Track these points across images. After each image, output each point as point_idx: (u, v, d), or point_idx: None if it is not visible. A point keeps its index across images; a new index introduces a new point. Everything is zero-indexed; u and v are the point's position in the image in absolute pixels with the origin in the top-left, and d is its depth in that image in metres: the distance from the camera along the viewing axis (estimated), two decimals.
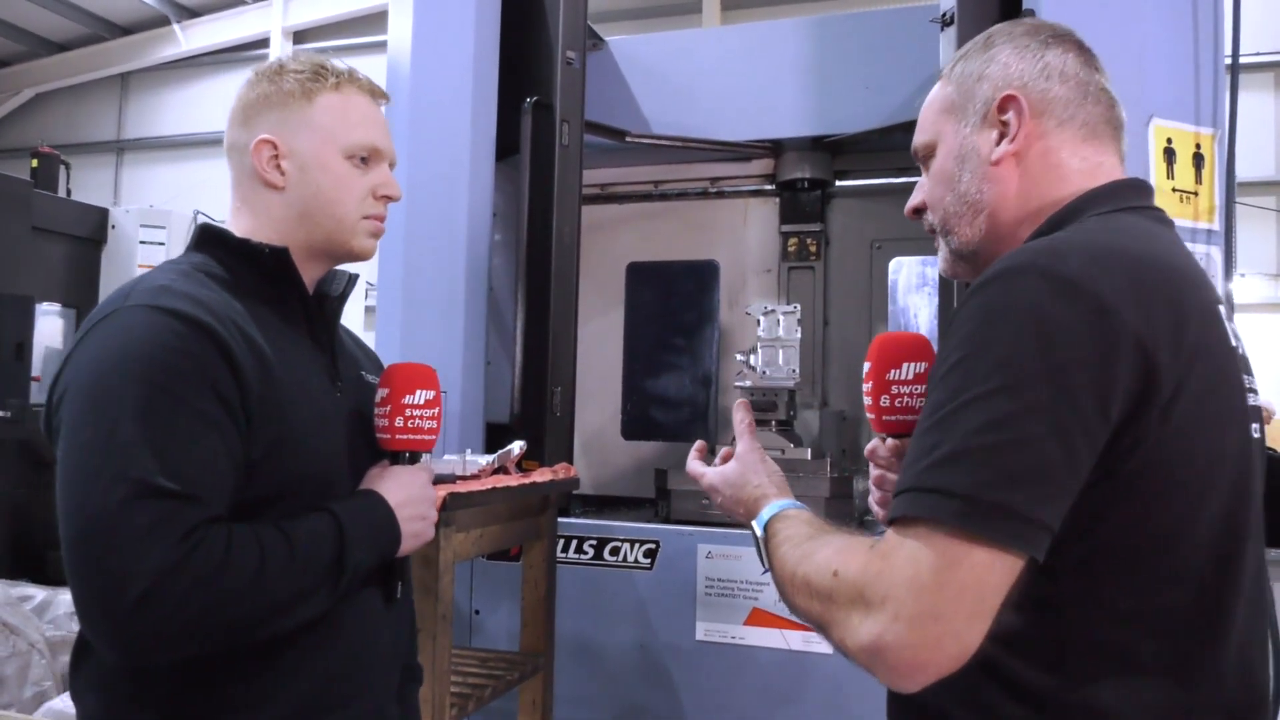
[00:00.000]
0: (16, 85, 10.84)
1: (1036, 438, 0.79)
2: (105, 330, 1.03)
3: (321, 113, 1.18)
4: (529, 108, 2.63)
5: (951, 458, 0.80)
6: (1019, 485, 0.78)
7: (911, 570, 0.79)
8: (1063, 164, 1.00)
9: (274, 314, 1.15)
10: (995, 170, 1.01)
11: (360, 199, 1.20)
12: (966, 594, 0.78)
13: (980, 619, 0.79)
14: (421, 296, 2.60)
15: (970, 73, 1.04)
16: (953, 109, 1.05)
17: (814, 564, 0.88)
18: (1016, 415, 0.79)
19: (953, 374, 0.84)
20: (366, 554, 1.12)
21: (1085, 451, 0.81)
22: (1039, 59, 1.01)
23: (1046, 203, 1.00)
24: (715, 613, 2.38)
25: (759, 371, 2.88)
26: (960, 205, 1.04)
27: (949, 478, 0.80)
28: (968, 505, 0.78)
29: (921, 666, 0.79)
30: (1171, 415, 0.83)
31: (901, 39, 3.05)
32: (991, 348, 0.82)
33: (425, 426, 1.22)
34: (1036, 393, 0.79)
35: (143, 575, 0.93)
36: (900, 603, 0.78)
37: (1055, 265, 0.85)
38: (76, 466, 0.98)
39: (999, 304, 0.84)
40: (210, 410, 1.01)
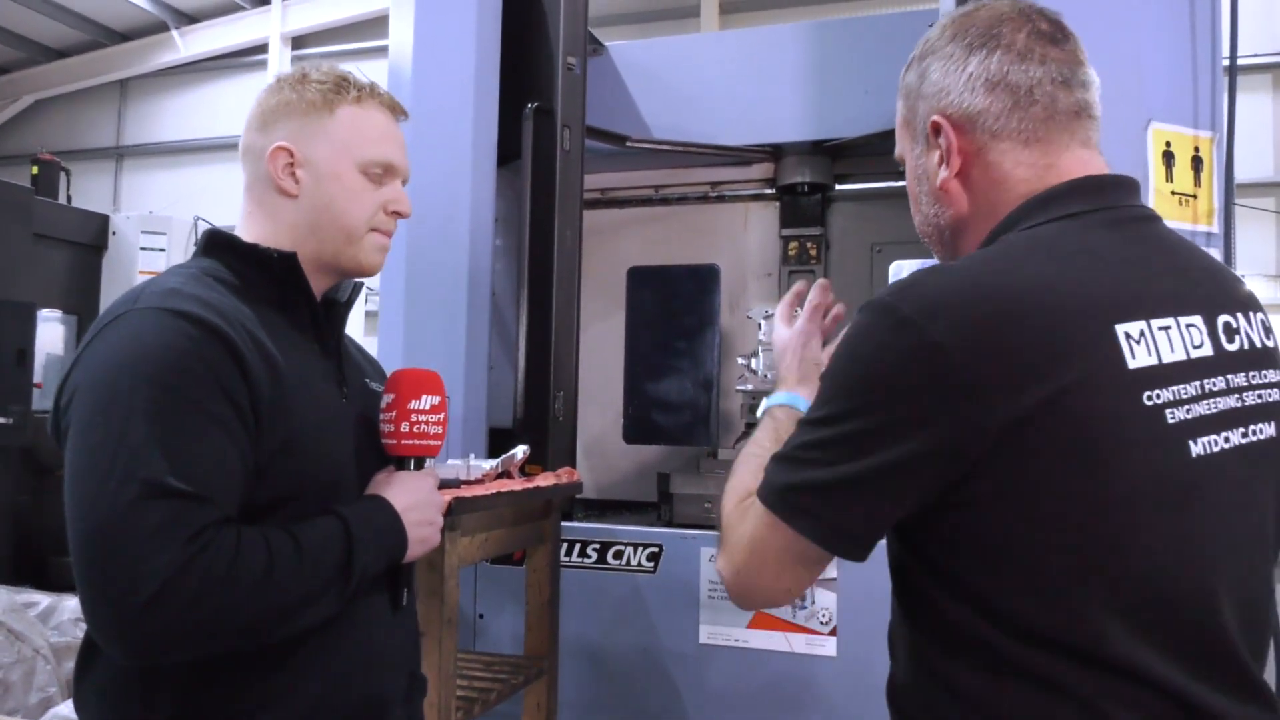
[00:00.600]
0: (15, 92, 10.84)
1: (840, 459, 0.90)
2: (115, 332, 1.04)
3: (340, 125, 1.20)
4: (530, 113, 2.64)
5: (785, 459, 0.95)
6: (817, 494, 0.92)
7: (743, 530, 0.98)
8: (1006, 175, 0.98)
9: (282, 319, 1.16)
10: (944, 194, 1.01)
11: (370, 213, 1.21)
12: (769, 561, 0.96)
13: (784, 581, 0.97)
14: (424, 302, 2.61)
15: (911, 87, 1.03)
16: (906, 126, 1.05)
17: (726, 492, 1.06)
18: (832, 440, 0.91)
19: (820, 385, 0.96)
20: (374, 558, 1.12)
21: (894, 480, 0.89)
22: (962, 70, 0.98)
23: (998, 213, 0.99)
24: (718, 616, 2.39)
25: (760, 375, 2.88)
26: (927, 227, 1.06)
27: (778, 474, 0.95)
28: (779, 499, 0.94)
29: (741, 598, 1.02)
30: (1011, 458, 0.84)
31: (901, 43, 3.02)
32: (836, 375, 0.93)
33: (431, 432, 1.22)
34: (853, 423, 0.89)
35: (152, 575, 0.93)
36: (731, 550, 1.00)
37: (897, 304, 0.89)
38: (86, 467, 0.98)
39: (852, 334, 0.93)
40: (220, 412, 1.01)
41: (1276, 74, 7.76)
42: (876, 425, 0.88)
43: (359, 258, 1.22)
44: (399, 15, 2.74)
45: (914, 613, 0.96)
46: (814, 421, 0.93)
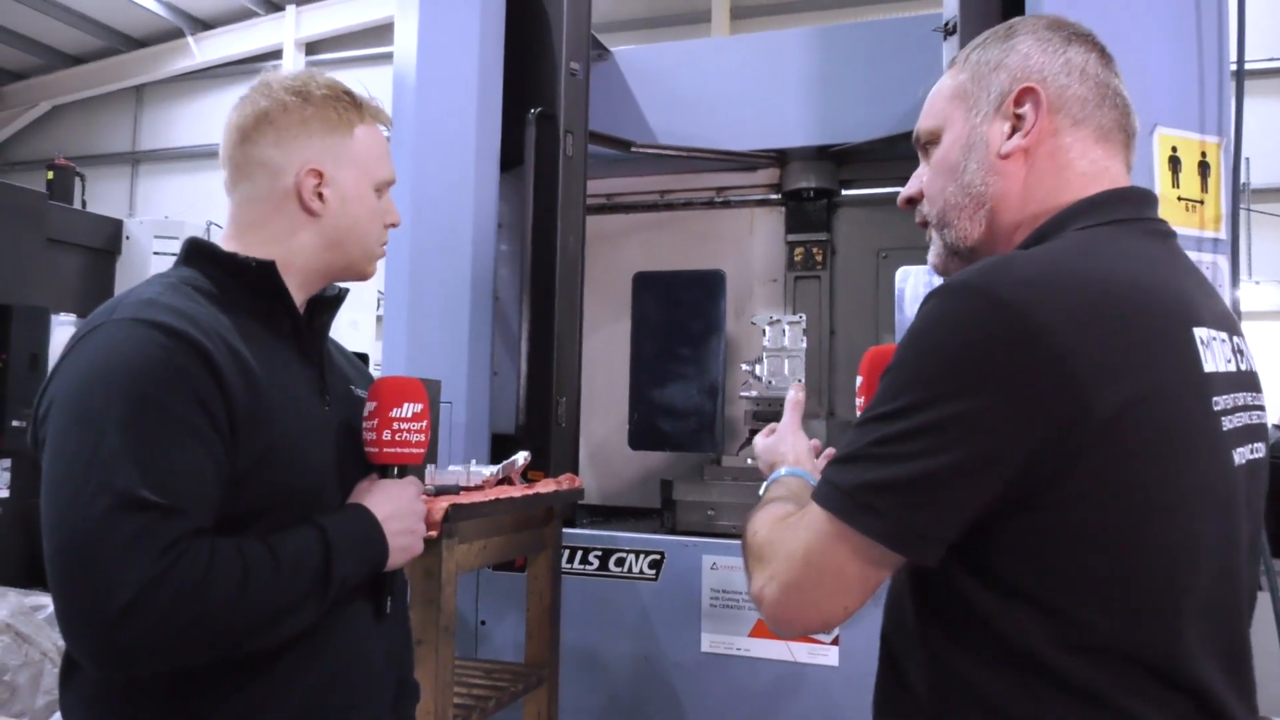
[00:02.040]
0: (33, 98, 10.96)
1: (925, 453, 0.82)
2: (91, 343, 1.04)
3: (359, 145, 1.22)
4: (533, 119, 2.64)
5: (850, 458, 0.88)
6: (894, 492, 0.84)
7: (793, 544, 0.90)
8: (1070, 165, 0.97)
9: (261, 328, 1.15)
10: (1003, 164, 0.98)
11: (380, 228, 1.26)
12: (827, 575, 0.88)
13: (839, 598, 0.88)
14: (427, 308, 2.61)
15: (988, 60, 1.00)
16: (964, 96, 1.01)
17: (751, 523, 1.00)
18: (912, 431, 0.83)
19: (882, 382, 0.89)
20: (353, 567, 1.11)
21: (984, 474, 0.82)
22: (1061, 54, 0.98)
23: (1045, 208, 0.97)
24: (720, 624, 2.37)
25: (764, 381, 2.87)
26: (962, 196, 1.00)
27: (842, 474, 0.88)
28: (846, 501, 0.86)
29: (785, 623, 0.92)
30: (1106, 452, 0.80)
31: (906, 48, 3.05)
32: (911, 363, 0.86)
33: (413, 440, 1.21)
34: (938, 411, 0.82)
35: (125, 587, 0.93)
36: (777, 567, 0.90)
37: (990, 283, 0.84)
38: (60, 478, 0.98)
39: (931, 319, 0.86)
40: (195, 422, 1.01)
41: None
42: (967, 413, 0.80)
43: (366, 269, 1.26)
44: (403, 22, 2.75)
45: (944, 618, 0.90)
46: (886, 415, 0.85)
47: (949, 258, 1.04)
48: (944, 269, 1.05)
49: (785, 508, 0.98)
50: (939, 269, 1.05)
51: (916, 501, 0.83)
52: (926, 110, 1.06)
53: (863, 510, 0.84)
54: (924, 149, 1.06)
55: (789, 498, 1.02)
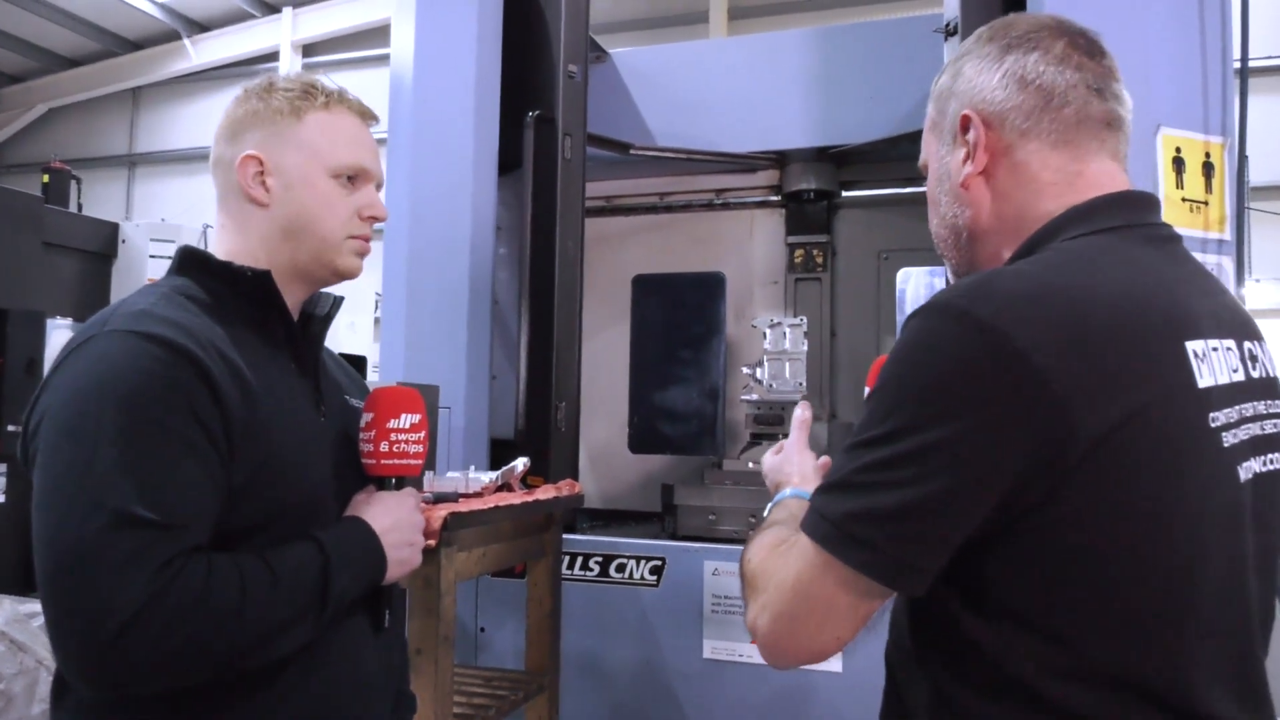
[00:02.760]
0: (30, 101, 10.94)
1: (908, 481, 0.80)
2: (83, 356, 1.02)
3: (309, 131, 1.18)
4: (531, 122, 2.62)
5: (837, 486, 0.86)
6: (879, 523, 0.82)
7: (784, 574, 0.88)
8: (1034, 177, 0.94)
9: (257, 338, 1.14)
10: (965, 193, 0.97)
11: (345, 219, 1.19)
12: (816, 606, 0.86)
13: (830, 629, 0.86)
14: (425, 311, 2.59)
15: (943, 89, 1.01)
16: (934, 128, 1.03)
17: (747, 549, 0.99)
18: (895, 459, 0.81)
19: (867, 404, 0.87)
20: (352, 582, 1.10)
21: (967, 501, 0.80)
22: (997, 67, 0.96)
23: (1025, 220, 0.95)
24: (723, 630, 2.35)
25: (765, 385, 2.85)
26: (944, 229, 1.01)
27: (828, 503, 0.86)
28: (833, 531, 0.84)
29: (778, 653, 0.90)
30: (1092, 474, 0.78)
31: (907, 49, 3.03)
32: (893, 387, 0.84)
33: (411, 451, 1.20)
34: (920, 438, 0.80)
35: (120, 607, 0.91)
36: (769, 597, 0.89)
37: (973, 306, 0.81)
38: (52, 495, 0.96)
39: (913, 341, 0.85)
40: (191, 436, 0.99)
41: None
42: (951, 438, 0.79)
43: (336, 262, 1.20)
44: (400, 23, 2.73)
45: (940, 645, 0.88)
46: (871, 441, 0.83)
47: None
48: None
49: (780, 533, 0.95)
50: None
51: (902, 531, 0.82)
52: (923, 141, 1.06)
53: (848, 541, 0.83)
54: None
55: (788, 521, 0.99)
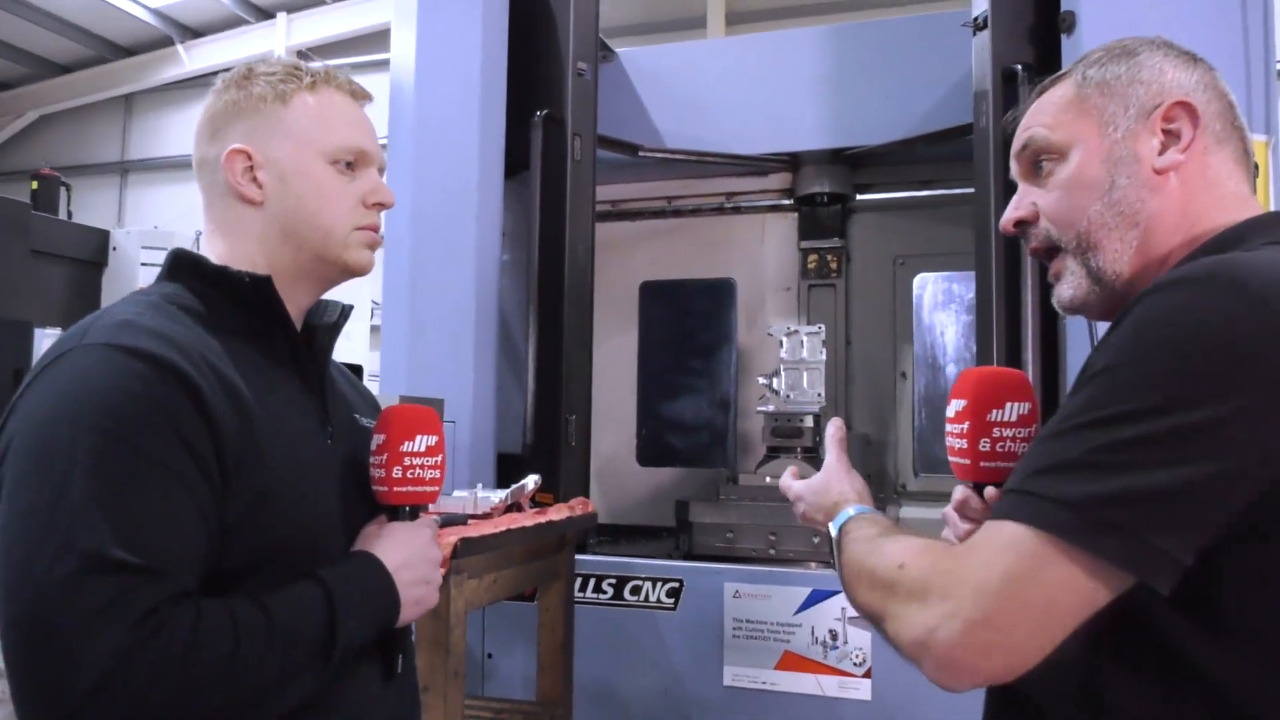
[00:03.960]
0: (20, 108, 10.80)
1: (1174, 460, 0.70)
2: (57, 373, 0.89)
3: (298, 115, 1.05)
4: (539, 121, 2.52)
5: (1069, 466, 0.73)
6: (1138, 504, 0.71)
7: (984, 572, 0.75)
8: (1221, 185, 0.90)
9: (256, 351, 1.01)
10: (1159, 179, 0.89)
11: (350, 208, 1.07)
12: (1032, 609, 0.73)
13: (1044, 637, 0.73)
14: (428, 321, 2.48)
15: (1118, 75, 0.93)
16: (1095, 110, 0.93)
17: (881, 556, 0.86)
18: (1157, 435, 0.71)
19: (1093, 383, 0.76)
20: (361, 627, 0.97)
21: (1235, 488, 0.70)
22: (1193, 71, 0.92)
23: (1204, 229, 0.88)
24: (744, 656, 2.24)
25: (782, 395, 2.75)
26: (1113, 215, 0.90)
27: (1061, 486, 0.73)
28: (1074, 516, 0.72)
29: (968, 670, 0.75)
30: None
31: (924, 47, 2.94)
32: (1146, 359, 0.74)
33: (427, 477, 1.08)
34: (1192, 414, 0.70)
35: (91, 666, 0.79)
36: (960, 601, 0.75)
37: (1243, 276, 0.74)
38: (17, 534, 0.83)
39: (1171, 312, 0.74)
40: (178, 466, 0.87)
41: None
42: (1221, 419, 0.70)
43: (345, 257, 1.07)
44: (401, 23, 2.62)
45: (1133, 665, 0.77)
46: (1113, 419, 0.73)
47: (1091, 287, 0.92)
48: (1083, 303, 0.93)
49: (922, 539, 0.84)
50: (1077, 303, 0.93)
51: (1161, 516, 0.70)
52: (1041, 123, 0.95)
53: (1095, 527, 0.71)
54: (1033, 167, 0.96)
55: (901, 532, 0.89)
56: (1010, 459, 0.94)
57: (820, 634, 2.19)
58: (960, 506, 1.02)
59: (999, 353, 2.23)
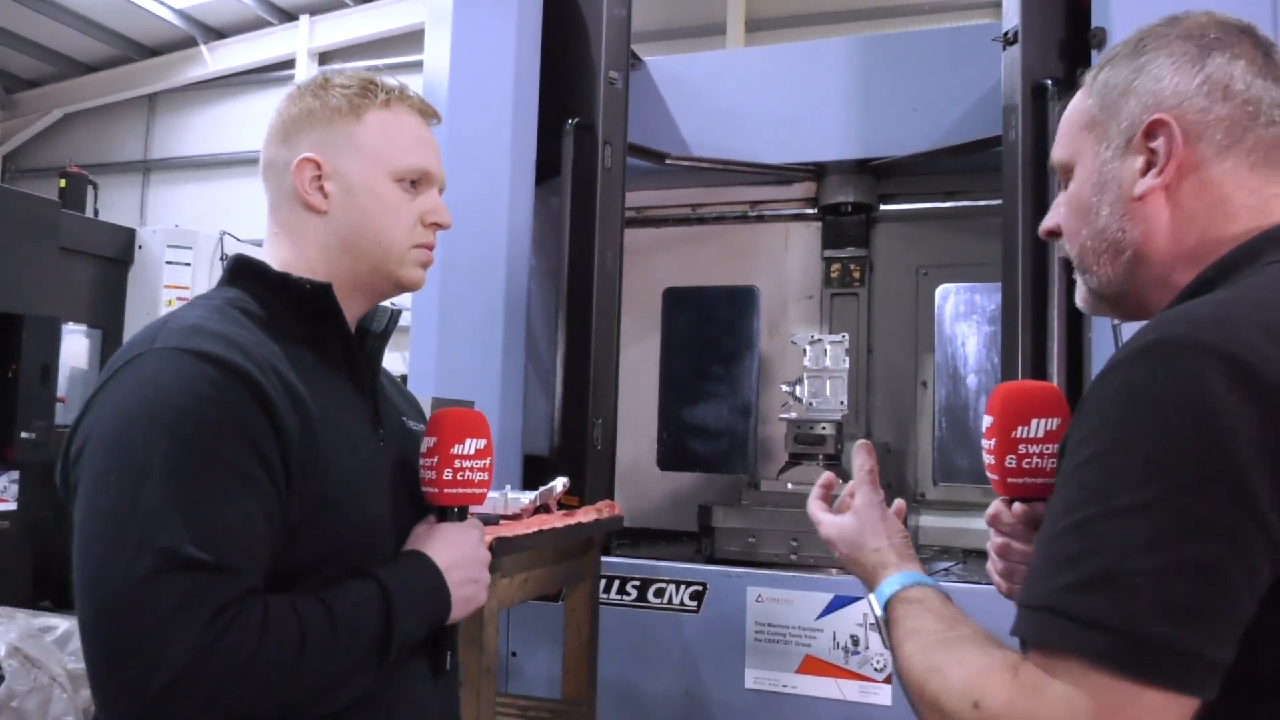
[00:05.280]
0: (46, 106, 10.93)
1: (1207, 559, 0.66)
2: (130, 376, 0.93)
3: (370, 132, 1.08)
4: (570, 129, 2.55)
5: (1101, 579, 0.68)
6: (1185, 617, 0.66)
7: (1069, 715, 0.67)
8: (1226, 199, 0.84)
9: (313, 355, 1.05)
10: (1139, 206, 0.86)
11: (410, 226, 1.10)
12: None
13: None
14: (458, 324, 2.52)
15: (1115, 83, 0.89)
16: (1094, 125, 0.90)
17: (947, 684, 0.76)
18: (1180, 530, 0.67)
19: (1094, 468, 0.71)
20: (415, 624, 1.01)
21: (1266, 572, 0.67)
22: (1198, 71, 0.85)
23: (1209, 241, 0.84)
24: (766, 660, 2.26)
25: (805, 403, 2.77)
26: (1099, 242, 0.89)
27: (1100, 605, 0.67)
28: (1125, 642, 0.66)
29: None
30: None
31: (952, 59, 2.96)
32: (1143, 442, 0.69)
33: (476, 479, 1.10)
34: (1205, 502, 0.67)
35: (170, 660, 0.83)
36: None
37: (1223, 342, 0.69)
38: (96, 533, 0.87)
39: (1152, 387, 0.70)
40: (248, 468, 0.90)
41: None
42: (1237, 496, 0.66)
43: (400, 275, 1.10)
44: (436, 30, 2.66)
45: None
46: (1133, 509, 0.68)
47: (1096, 302, 0.93)
48: (1094, 309, 0.95)
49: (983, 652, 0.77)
50: (1088, 308, 0.95)
51: (1210, 626, 0.66)
52: (1059, 139, 0.95)
53: (1152, 651, 0.66)
54: (1062, 181, 0.95)
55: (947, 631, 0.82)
56: (1038, 474, 0.94)
57: (842, 639, 2.21)
58: (993, 520, 1.01)
59: (1024, 364, 2.25)
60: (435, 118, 1.17)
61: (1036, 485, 0.94)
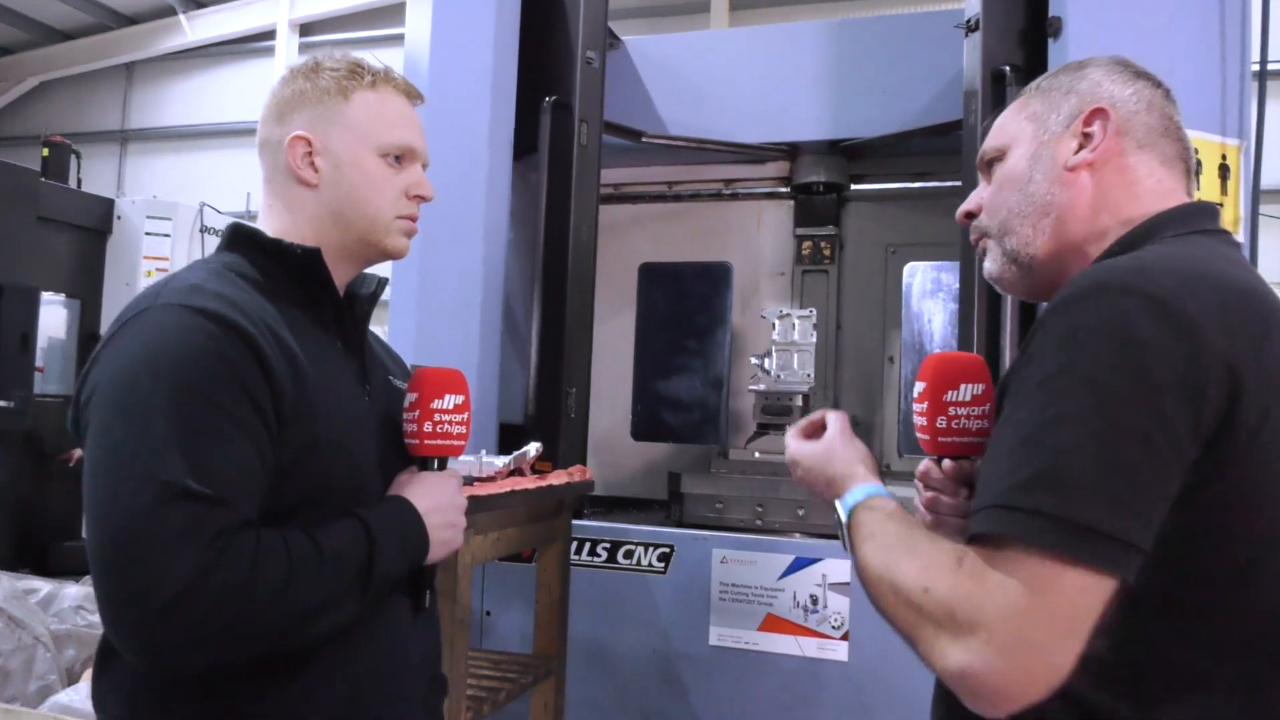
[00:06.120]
0: (20, 73, 10.79)
1: (1129, 459, 0.79)
2: (136, 329, 1.02)
3: (357, 111, 1.18)
4: (548, 107, 2.62)
5: (1041, 477, 0.80)
6: (1111, 507, 0.78)
7: (1004, 595, 0.79)
8: (1138, 182, 1.01)
9: (305, 316, 1.14)
10: (1069, 176, 1.02)
11: (394, 198, 1.19)
12: (1060, 620, 0.78)
13: (1073, 644, 0.78)
14: (437, 295, 2.59)
15: (1059, 86, 1.06)
16: (1034, 117, 1.06)
17: (903, 574, 0.87)
18: (1108, 435, 0.79)
19: (1038, 391, 0.84)
20: (396, 562, 1.10)
21: (1176, 474, 0.81)
22: (1131, 85, 1.04)
23: (1117, 220, 1.00)
24: (729, 618, 2.37)
25: (773, 375, 2.86)
26: (1027, 205, 1.03)
27: (1039, 498, 0.79)
28: (1060, 527, 0.78)
29: (1013, 695, 0.79)
30: (1257, 441, 0.82)
31: (920, 44, 3.04)
32: (1079, 366, 0.82)
33: (454, 432, 1.20)
34: (1129, 412, 0.79)
35: (171, 581, 0.92)
36: (993, 629, 0.79)
37: (1144, 284, 0.84)
38: (105, 468, 0.97)
39: (1086, 322, 0.84)
40: (242, 413, 1.00)
41: None
42: (1159, 412, 0.79)
43: (385, 243, 1.20)
44: (417, 6, 2.71)
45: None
46: (1068, 419, 0.80)
47: (1007, 265, 1.06)
48: (1001, 276, 1.07)
49: (937, 548, 0.87)
50: (996, 277, 1.08)
51: (1134, 514, 0.79)
52: (994, 131, 1.10)
53: (1083, 535, 0.77)
54: (987, 167, 1.10)
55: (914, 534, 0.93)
56: (965, 434, 1.05)
57: (801, 599, 2.32)
58: (923, 476, 1.13)
59: (979, 339, 2.35)
60: (419, 99, 1.27)
61: (964, 444, 1.06)
